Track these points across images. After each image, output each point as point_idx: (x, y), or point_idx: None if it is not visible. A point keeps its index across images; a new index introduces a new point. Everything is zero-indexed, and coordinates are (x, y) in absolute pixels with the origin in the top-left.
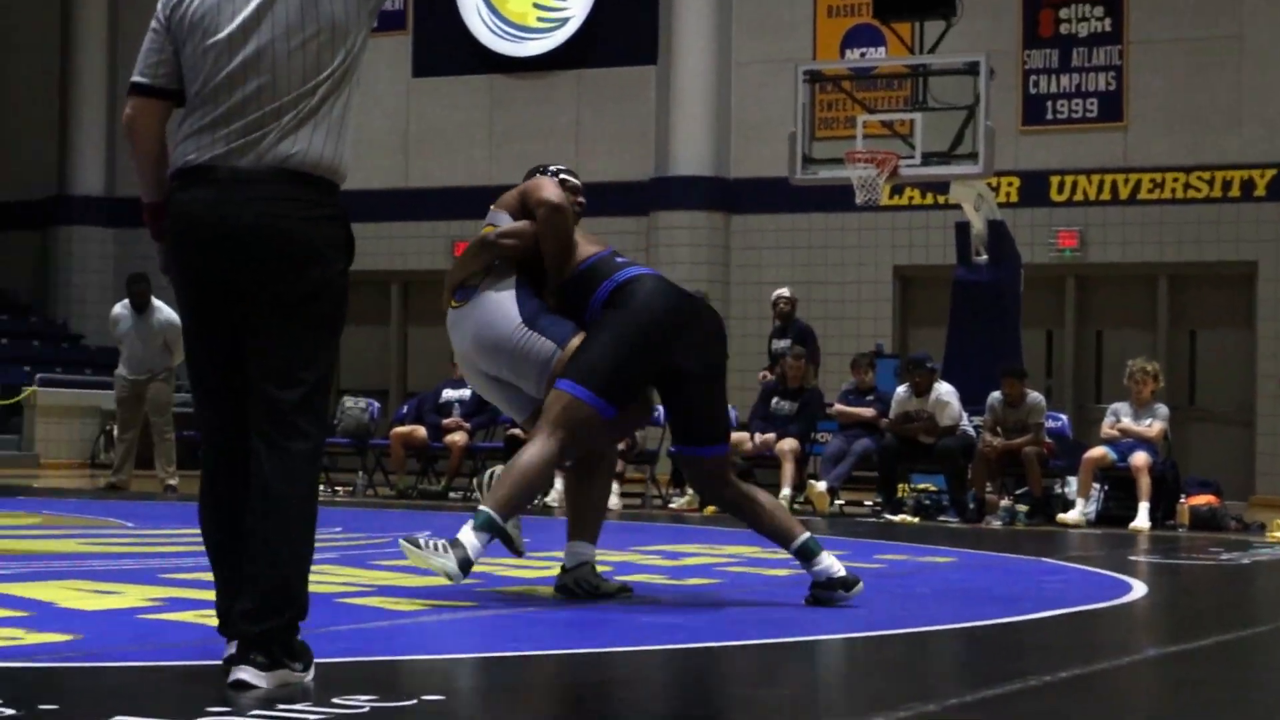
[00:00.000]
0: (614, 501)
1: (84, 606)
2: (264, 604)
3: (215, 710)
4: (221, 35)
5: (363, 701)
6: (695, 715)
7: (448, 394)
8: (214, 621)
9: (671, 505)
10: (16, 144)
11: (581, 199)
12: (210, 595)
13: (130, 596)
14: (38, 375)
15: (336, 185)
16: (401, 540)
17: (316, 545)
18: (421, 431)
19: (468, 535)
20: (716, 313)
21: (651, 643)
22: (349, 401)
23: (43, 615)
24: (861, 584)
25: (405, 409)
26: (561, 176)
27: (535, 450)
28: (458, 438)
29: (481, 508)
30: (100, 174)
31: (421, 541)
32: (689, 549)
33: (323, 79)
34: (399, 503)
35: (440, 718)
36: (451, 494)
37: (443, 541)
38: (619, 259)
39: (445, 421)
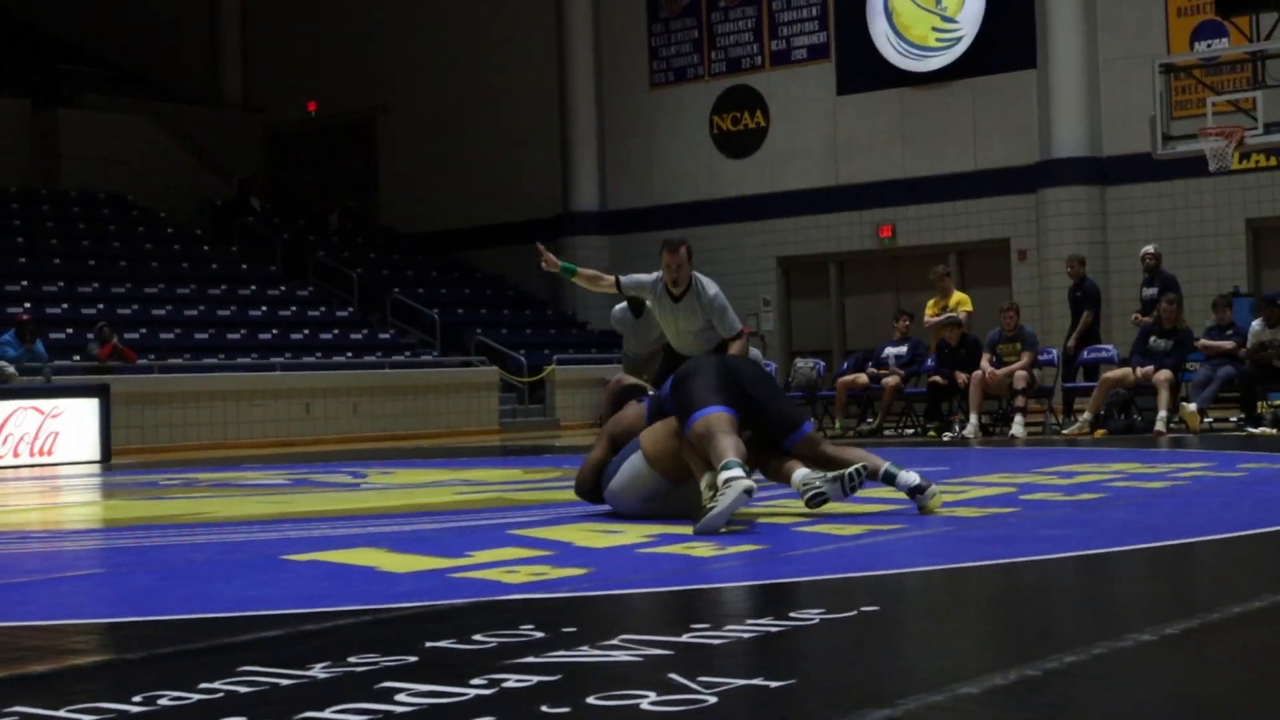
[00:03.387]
0: (1019, 430)
1: (595, 544)
2: None
3: (698, 626)
4: None
5: (812, 614)
6: (1093, 614)
7: (888, 350)
8: (699, 553)
9: (1064, 431)
10: (524, 175)
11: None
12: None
13: (630, 535)
14: (555, 357)
15: None
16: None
17: None
18: (863, 378)
19: None
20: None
21: (1050, 552)
22: (800, 362)
23: (563, 553)
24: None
25: (846, 364)
26: None
27: None
28: (891, 380)
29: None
30: (595, 193)
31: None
32: (1080, 468)
33: None
34: (840, 441)
35: (874, 626)
36: (885, 430)
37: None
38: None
39: (880, 371)
